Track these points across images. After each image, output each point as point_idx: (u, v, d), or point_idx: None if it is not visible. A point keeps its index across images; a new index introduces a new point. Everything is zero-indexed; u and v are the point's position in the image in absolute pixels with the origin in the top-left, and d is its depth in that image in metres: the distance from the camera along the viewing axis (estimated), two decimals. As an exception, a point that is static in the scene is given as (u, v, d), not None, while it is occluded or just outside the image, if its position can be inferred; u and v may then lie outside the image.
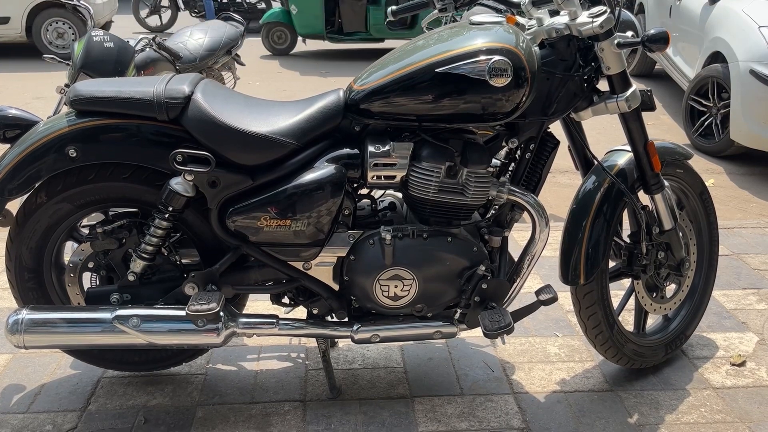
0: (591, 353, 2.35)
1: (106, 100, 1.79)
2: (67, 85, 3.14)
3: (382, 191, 2.03)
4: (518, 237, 3.12)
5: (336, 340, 2.33)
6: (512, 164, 1.98)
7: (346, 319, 1.99)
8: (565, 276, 2.01)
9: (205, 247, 1.94)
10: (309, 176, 1.80)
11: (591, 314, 2.07)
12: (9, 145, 1.89)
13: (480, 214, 2.01)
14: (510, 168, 1.98)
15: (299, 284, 1.95)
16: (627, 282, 2.26)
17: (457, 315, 1.97)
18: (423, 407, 2.08)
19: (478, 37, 1.76)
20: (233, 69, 4.51)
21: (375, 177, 1.83)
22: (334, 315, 1.99)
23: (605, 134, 5.21)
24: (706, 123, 4.94)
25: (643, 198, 2.09)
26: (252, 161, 1.81)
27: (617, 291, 2.40)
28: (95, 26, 3.47)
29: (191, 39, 4.05)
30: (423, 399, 2.12)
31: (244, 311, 2.11)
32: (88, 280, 2.03)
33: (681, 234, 2.17)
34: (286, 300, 2.05)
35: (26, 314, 1.85)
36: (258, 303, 2.54)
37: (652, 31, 1.78)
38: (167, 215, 1.84)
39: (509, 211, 1.97)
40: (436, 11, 2.37)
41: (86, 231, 1.99)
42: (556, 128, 2.01)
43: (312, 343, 2.39)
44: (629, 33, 1.90)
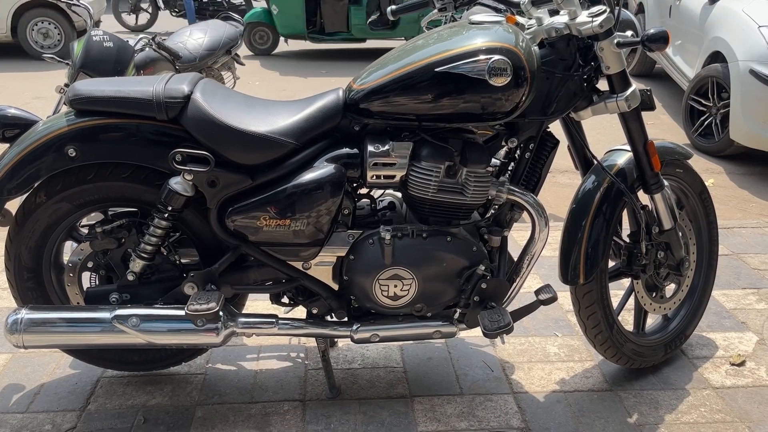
0: (590, 353, 2.35)
1: (106, 100, 1.79)
2: (67, 85, 3.14)
3: (382, 191, 2.03)
4: (518, 237, 3.12)
5: (335, 340, 2.33)
6: (512, 164, 1.98)
7: (346, 319, 1.99)
8: (565, 276, 2.01)
9: (205, 247, 1.94)
10: (308, 176, 1.80)
11: (590, 314, 2.07)
12: (8, 145, 1.89)
13: (479, 214, 2.01)
14: (509, 167, 1.98)
15: (299, 284, 1.95)
16: (626, 282, 2.26)
17: (457, 315, 1.97)
18: (422, 407, 2.08)
19: (478, 37, 1.76)
20: (233, 69, 4.50)
21: (374, 176, 1.83)
22: (334, 315, 1.99)
23: (605, 134, 5.21)
24: (706, 123, 4.94)
25: (643, 198, 2.08)
26: (251, 161, 1.81)
27: (617, 291, 2.40)
28: (94, 26, 3.47)
29: (191, 39, 4.05)
30: (422, 399, 2.12)
31: (244, 311, 2.11)
32: (88, 280, 2.02)
33: (680, 234, 2.17)
34: (286, 300, 2.05)
35: (25, 314, 1.85)
36: (257, 303, 2.54)
37: (652, 31, 1.78)
38: (166, 215, 1.84)
39: (509, 211, 1.97)
40: (436, 11, 2.37)
41: (85, 231, 1.99)
42: (556, 128, 2.01)
43: (311, 343, 2.39)
44: (629, 32, 1.90)
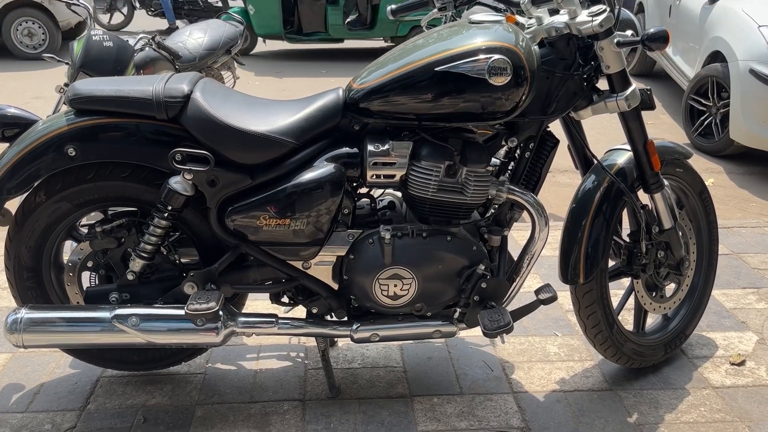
0: (590, 352, 2.35)
1: (105, 99, 1.79)
2: (67, 84, 3.14)
3: (382, 190, 2.03)
4: (518, 236, 3.12)
5: (335, 340, 2.33)
6: (512, 163, 1.98)
7: (346, 319, 1.99)
8: (565, 275, 2.01)
9: (204, 246, 1.94)
10: (308, 175, 1.80)
11: (590, 313, 2.07)
12: (8, 144, 1.89)
13: (479, 213, 2.01)
14: (509, 167, 1.98)
15: (298, 283, 1.95)
16: (626, 281, 2.26)
17: (457, 314, 1.96)
18: (422, 406, 2.08)
19: (478, 36, 1.76)
20: (233, 68, 4.51)
21: (374, 176, 1.83)
22: (334, 314, 1.98)
23: (605, 133, 5.21)
24: (706, 122, 4.94)
25: (643, 197, 2.08)
26: (251, 160, 1.81)
27: (617, 290, 2.40)
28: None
29: (191, 38, 4.05)
30: (422, 398, 2.12)
31: (244, 310, 2.11)
32: (87, 280, 2.02)
33: (680, 233, 2.17)
34: (286, 299, 2.05)
35: (25, 313, 1.84)
36: (257, 302, 2.54)
37: (652, 30, 1.78)
38: (166, 214, 1.84)
39: (509, 211, 1.97)
40: (436, 10, 2.37)
41: (85, 230, 1.99)
42: (556, 127, 2.01)
43: (311, 343, 2.39)
44: (629, 32, 1.90)
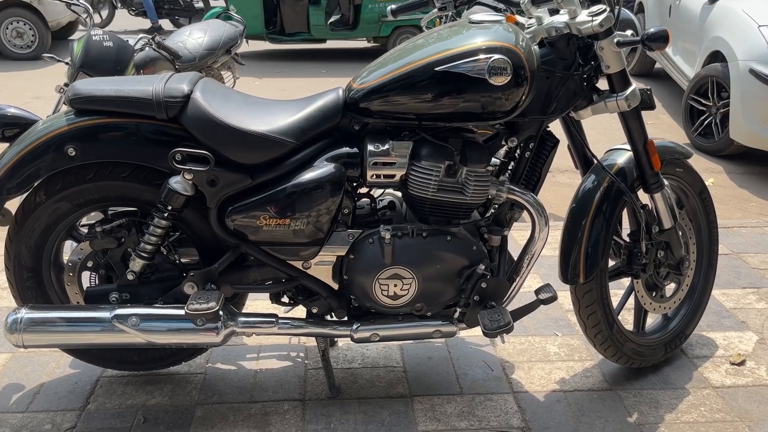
0: (590, 352, 2.35)
1: (105, 99, 1.79)
2: (66, 84, 3.14)
3: (382, 190, 2.03)
4: (518, 236, 3.12)
5: (335, 339, 2.33)
6: (512, 163, 1.98)
7: (346, 318, 1.99)
8: (565, 275, 2.01)
9: (205, 246, 1.94)
10: (308, 175, 1.80)
11: (590, 313, 2.07)
12: (8, 144, 1.89)
13: (479, 213, 2.01)
14: (509, 167, 1.98)
15: (298, 283, 1.95)
16: (626, 281, 2.26)
17: (457, 314, 1.96)
18: (422, 406, 2.08)
19: (478, 36, 1.76)
20: (233, 68, 4.50)
21: (374, 176, 1.83)
22: (334, 314, 1.98)
23: (605, 133, 5.21)
24: (706, 122, 4.94)
25: (643, 197, 2.08)
26: (251, 160, 1.81)
27: (617, 290, 2.40)
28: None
29: (191, 38, 4.04)
30: (422, 398, 2.12)
31: (244, 310, 2.11)
32: (87, 279, 2.02)
33: (680, 233, 2.17)
34: (286, 299, 2.05)
35: (25, 313, 1.84)
36: (257, 302, 2.54)
37: (652, 30, 1.78)
38: (166, 214, 1.83)
39: (509, 210, 1.97)
40: (436, 10, 2.37)
41: (85, 230, 1.99)
42: (556, 127, 2.01)
43: (311, 343, 2.39)
44: (629, 32, 1.90)
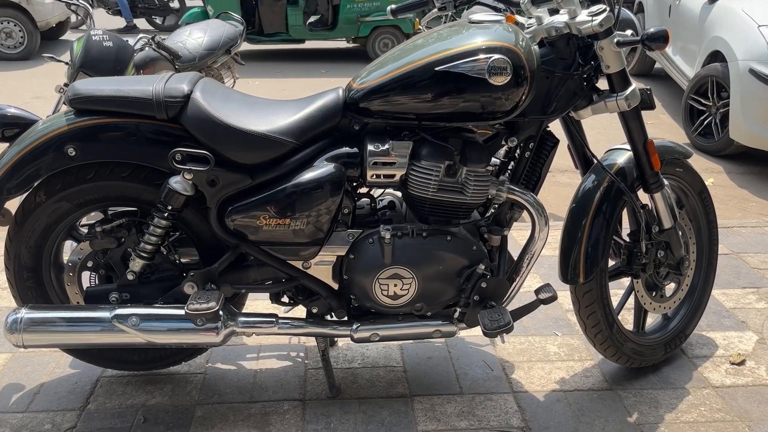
0: (590, 352, 2.35)
1: (105, 99, 1.79)
2: (66, 84, 3.14)
3: (382, 190, 2.03)
4: (518, 236, 3.12)
5: (335, 339, 2.33)
6: (512, 163, 1.98)
7: (346, 318, 1.99)
8: (565, 275, 2.01)
9: (204, 246, 1.94)
10: (308, 175, 1.80)
11: (590, 313, 2.07)
12: (8, 144, 1.89)
13: (479, 213, 2.01)
14: (509, 167, 1.98)
15: (298, 283, 1.95)
16: (626, 281, 2.26)
17: (457, 314, 1.96)
18: (422, 406, 2.08)
19: (478, 36, 1.76)
20: (232, 68, 4.50)
21: (374, 176, 1.83)
22: (334, 314, 1.98)
23: (605, 133, 5.21)
24: (706, 122, 4.94)
25: (643, 197, 2.08)
26: (251, 160, 1.81)
27: (617, 290, 2.40)
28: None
29: (190, 38, 4.04)
30: (422, 398, 2.12)
31: (244, 310, 2.11)
32: (87, 279, 2.02)
33: (680, 233, 2.17)
34: (286, 299, 2.05)
35: (25, 313, 1.84)
36: (257, 302, 2.54)
37: (652, 30, 1.78)
38: (166, 214, 1.83)
39: (509, 210, 1.97)
40: (436, 10, 2.37)
41: (85, 230, 1.99)
42: (556, 127, 2.01)
43: (311, 342, 2.39)
44: (629, 31, 1.90)
